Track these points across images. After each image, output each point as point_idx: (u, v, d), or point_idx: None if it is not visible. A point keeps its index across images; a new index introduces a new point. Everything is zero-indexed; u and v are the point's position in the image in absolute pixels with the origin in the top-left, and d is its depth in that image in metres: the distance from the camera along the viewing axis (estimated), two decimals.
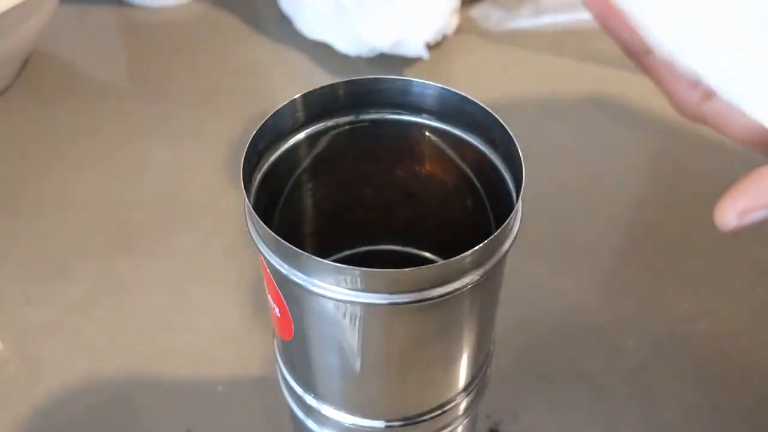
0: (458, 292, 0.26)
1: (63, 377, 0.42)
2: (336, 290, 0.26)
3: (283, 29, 0.65)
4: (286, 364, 0.33)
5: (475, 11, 0.67)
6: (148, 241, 0.50)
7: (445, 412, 0.32)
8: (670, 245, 0.49)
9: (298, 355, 0.31)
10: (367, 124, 0.32)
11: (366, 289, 0.26)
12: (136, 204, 0.52)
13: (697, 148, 0.54)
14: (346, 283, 0.26)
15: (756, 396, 0.42)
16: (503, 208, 0.29)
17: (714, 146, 0.52)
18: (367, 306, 0.26)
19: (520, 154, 0.28)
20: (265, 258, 0.27)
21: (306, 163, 0.33)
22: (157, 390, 0.42)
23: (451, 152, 0.32)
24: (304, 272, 0.26)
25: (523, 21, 0.66)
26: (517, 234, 0.28)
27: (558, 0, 0.67)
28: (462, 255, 0.25)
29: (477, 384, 0.33)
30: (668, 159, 0.55)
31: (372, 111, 0.32)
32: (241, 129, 0.55)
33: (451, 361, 0.31)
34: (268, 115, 0.30)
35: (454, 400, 0.32)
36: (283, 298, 0.28)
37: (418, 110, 0.32)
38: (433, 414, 0.32)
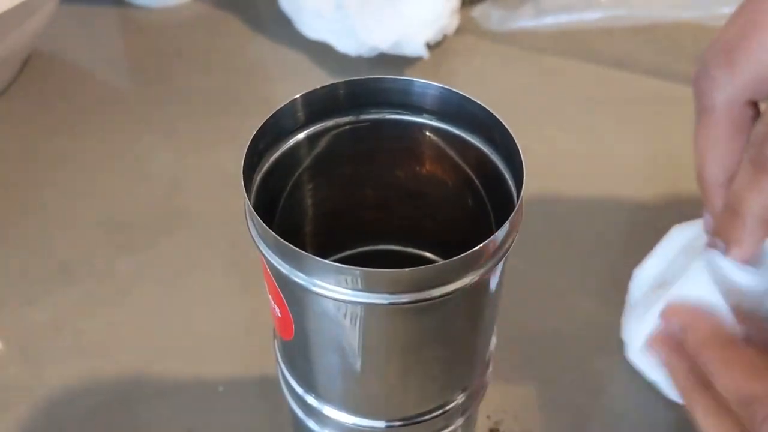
0: (459, 292, 0.26)
1: (63, 377, 0.42)
2: (336, 290, 0.26)
3: (283, 29, 0.65)
4: (286, 364, 0.33)
5: (476, 11, 0.67)
6: (148, 241, 0.50)
7: (446, 412, 0.32)
8: None
9: (298, 355, 0.31)
10: (367, 124, 0.32)
11: (366, 289, 0.26)
12: (136, 204, 0.52)
13: None
14: (347, 283, 0.26)
15: None
16: (504, 207, 0.29)
17: None
18: (367, 306, 0.26)
19: (521, 154, 0.28)
20: (265, 258, 0.27)
21: (306, 163, 0.33)
22: (157, 390, 0.42)
23: (451, 152, 0.32)
24: (304, 272, 0.26)
25: (524, 21, 0.66)
26: (517, 234, 0.28)
27: (559, 0, 0.67)
28: (462, 255, 0.25)
29: (477, 384, 0.33)
30: (668, 159, 0.55)
31: (372, 111, 0.32)
32: (241, 129, 0.55)
33: (452, 361, 0.31)
34: (268, 115, 0.30)
35: (455, 400, 0.32)
36: (283, 298, 0.28)
37: (418, 110, 0.32)
38: (433, 414, 0.32)
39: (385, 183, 0.35)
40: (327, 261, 0.25)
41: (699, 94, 0.33)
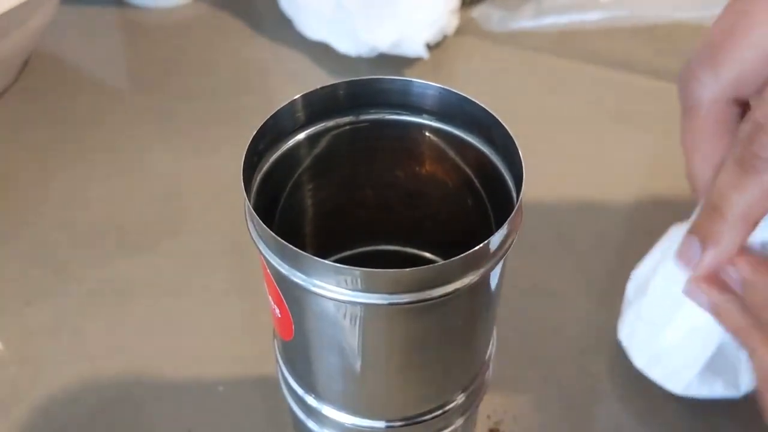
0: (458, 292, 0.26)
1: (63, 377, 0.42)
2: (336, 290, 0.26)
3: (283, 29, 0.65)
4: (286, 364, 0.33)
5: (476, 11, 0.67)
6: (148, 241, 0.50)
7: (446, 412, 0.32)
8: None
9: (298, 355, 0.31)
10: (367, 124, 0.32)
11: (366, 290, 0.26)
12: (136, 204, 0.52)
13: None
14: (347, 284, 0.26)
15: None
16: (503, 207, 0.29)
17: None
18: (367, 306, 0.26)
19: (520, 154, 0.28)
20: (265, 258, 0.27)
21: (306, 163, 0.33)
22: (157, 390, 0.42)
23: (451, 152, 0.32)
24: (304, 272, 0.26)
25: (524, 22, 0.66)
26: (517, 234, 0.28)
27: (559, 1, 0.67)
28: (462, 255, 0.25)
29: (477, 384, 0.33)
30: (668, 159, 0.55)
31: (372, 111, 0.32)
32: (241, 129, 0.55)
33: (452, 361, 0.31)
34: (268, 115, 0.30)
35: (455, 400, 0.32)
36: (283, 299, 0.28)
37: (418, 110, 0.32)
38: (433, 414, 0.32)
39: (385, 183, 0.35)
40: (326, 261, 0.25)
41: (684, 93, 0.33)
